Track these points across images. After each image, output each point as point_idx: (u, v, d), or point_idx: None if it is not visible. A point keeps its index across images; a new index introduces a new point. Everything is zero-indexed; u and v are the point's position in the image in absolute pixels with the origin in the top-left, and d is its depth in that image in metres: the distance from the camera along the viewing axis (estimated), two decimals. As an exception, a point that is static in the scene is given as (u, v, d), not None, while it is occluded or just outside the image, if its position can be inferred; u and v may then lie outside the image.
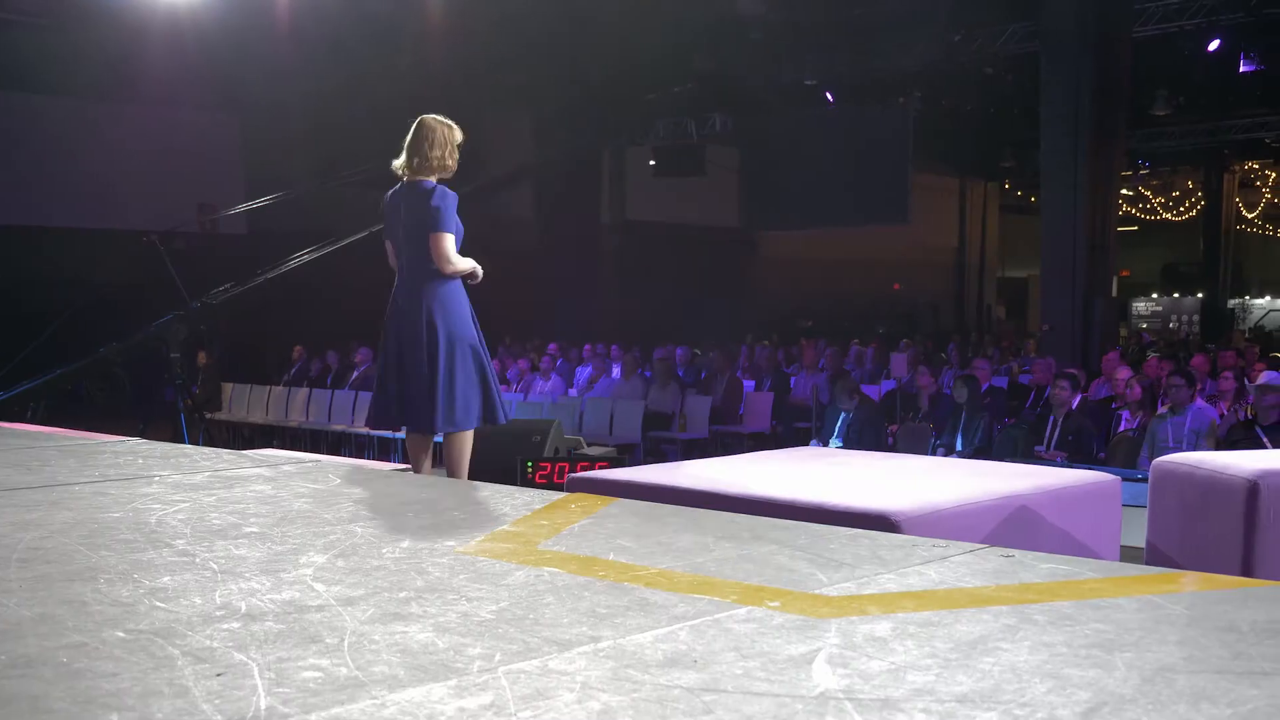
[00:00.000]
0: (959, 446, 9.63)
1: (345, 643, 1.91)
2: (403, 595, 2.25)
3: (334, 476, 3.86)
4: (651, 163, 21.11)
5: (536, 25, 15.85)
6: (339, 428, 13.60)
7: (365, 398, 13.72)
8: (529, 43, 16.33)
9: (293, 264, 11.62)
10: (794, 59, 18.01)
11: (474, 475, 5.22)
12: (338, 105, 16.87)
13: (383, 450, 13.11)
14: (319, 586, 2.32)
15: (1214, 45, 15.95)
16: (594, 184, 21.17)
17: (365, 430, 13.33)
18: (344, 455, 12.48)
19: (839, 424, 9.98)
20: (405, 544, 2.76)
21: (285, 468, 4.09)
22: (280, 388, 15.02)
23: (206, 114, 17.99)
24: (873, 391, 12.88)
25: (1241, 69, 16.22)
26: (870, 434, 9.77)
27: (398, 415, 5.33)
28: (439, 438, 5.43)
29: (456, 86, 17.09)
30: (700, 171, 20.84)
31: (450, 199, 5.22)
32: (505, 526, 3.00)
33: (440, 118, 5.40)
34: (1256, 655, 1.85)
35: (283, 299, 15.84)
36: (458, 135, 5.42)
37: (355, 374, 14.50)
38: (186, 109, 17.61)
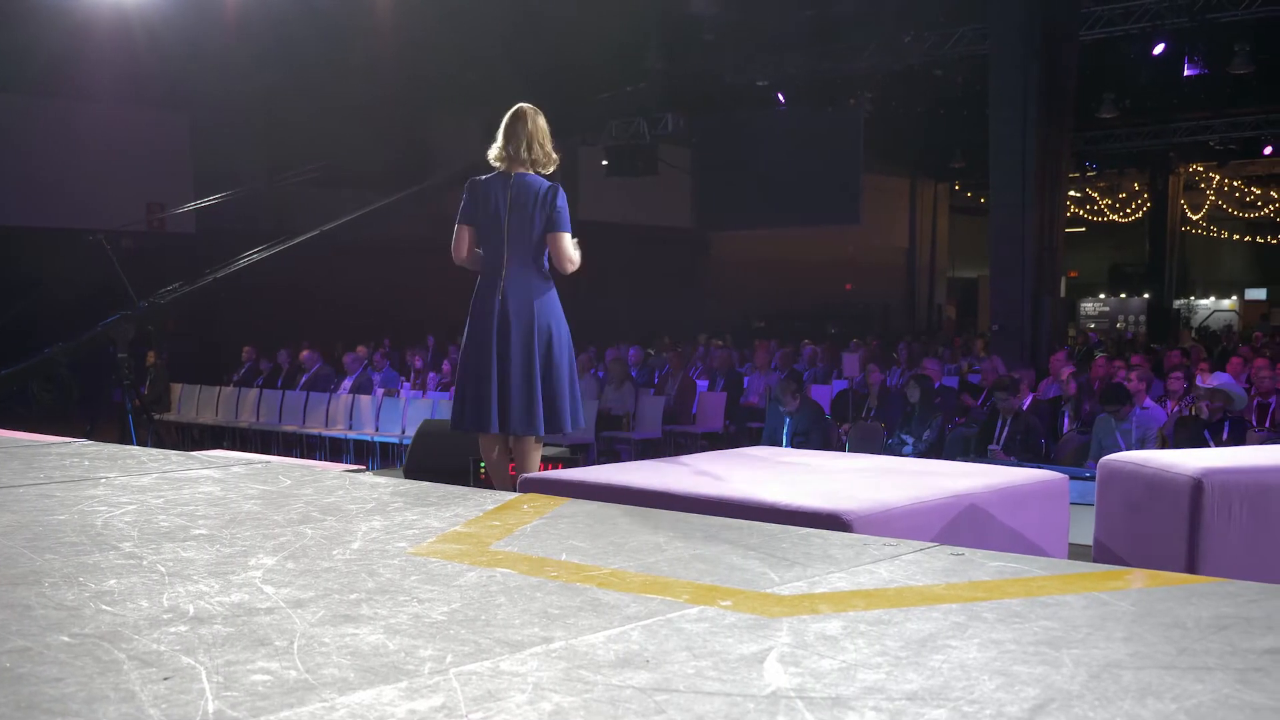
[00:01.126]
0: (911, 445, 9.70)
1: (295, 645, 1.90)
2: (353, 597, 2.23)
3: (284, 478, 3.83)
4: (604, 163, 21.11)
5: (487, 24, 15.80)
6: (290, 428, 13.50)
7: (317, 398, 13.64)
8: (479, 41, 16.28)
9: (242, 263, 11.52)
10: (746, 60, 18.09)
11: (427, 476, 5.18)
12: (287, 104, 16.76)
13: (334, 451, 13.04)
14: (268, 589, 2.30)
15: (1159, 49, 16.17)
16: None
17: (316, 431, 13.25)
18: (295, 456, 12.38)
19: (784, 428, 9.98)
20: (356, 545, 2.74)
21: (235, 469, 4.05)
22: (230, 388, 14.88)
23: (154, 112, 17.81)
24: (824, 391, 12.96)
25: (1186, 73, 16.45)
26: (817, 435, 9.80)
27: (500, 417, 4.98)
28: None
29: (407, 86, 17.04)
30: (653, 171, 20.86)
31: (565, 198, 5.09)
32: (457, 527, 2.99)
33: (534, 107, 5.15)
34: (1201, 651, 1.87)
35: (232, 299, 15.71)
36: (544, 124, 5.19)
37: (306, 375, 14.40)
38: (134, 106, 17.42)
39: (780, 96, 19.05)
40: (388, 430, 12.75)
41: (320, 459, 12.25)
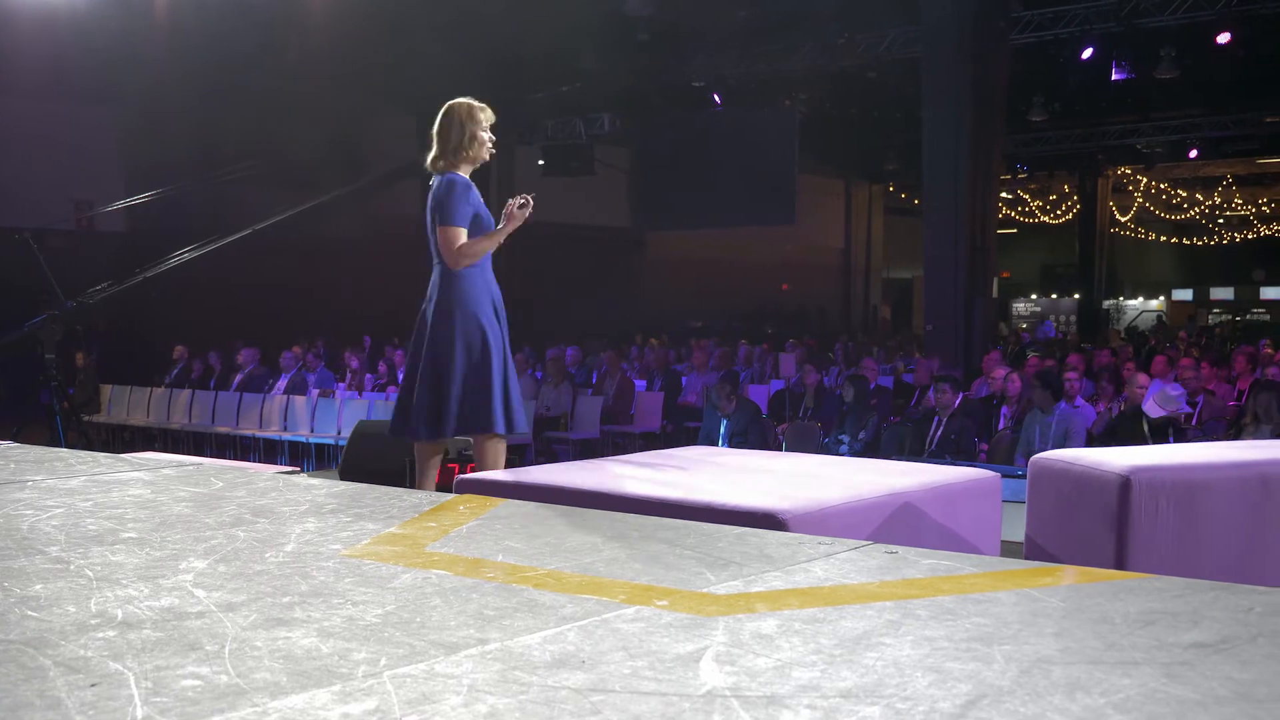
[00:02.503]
0: (846, 445, 9.77)
1: (226, 650, 1.87)
2: (286, 600, 2.21)
3: (216, 480, 3.78)
4: (540, 162, 21.06)
5: (422, 22, 15.72)
6: (223, 430, 13.33)
7: (251, 399, 13.49)
8: (414, 40, 16.19)
9: (174, 262, 11.36)
10: (681, 60, 18.14)
11: (362, 477, 5.14)
12: (220, 101, 16.55)
13: (268, 453, 12.90)
14: (199, 592, 2.27)
15: (1087, 54, 16.42)
16: (482, 183, 21.02)
17: (250, 432, 13.10)
18: (228, 458, 12.24)
19: (722, 429, 10.01)
20: (289, 548, 2.71)
21: (165, 471, 3.99)
22: (161, 389, 14.67)
23: (82, 107, 17.49)
24: (761, 391, 13.02)
25: (1113, 77, 16.73)
26: (754, 435, 9.84)
27: (405, 421, 5.00)
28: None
29: (341, 84, 16.90)
30: (589, 171, 20.86)
31: (458, 187, 4.97)
32: (392, 529, 2.97)
33: (468, 100, 5.18)
34: (1128, 645, 1.90)
35: (164, 298, 15.49)
36: (483, 117, 5.16)
37: (240, 375, 14.23)
38: (60, 101, 17.10)
39: (716, 97, 19.12)
40: (323, 431, 12.64)
41: (254, 461, 12.12)
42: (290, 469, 8.04)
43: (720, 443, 9.84)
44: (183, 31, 14.62)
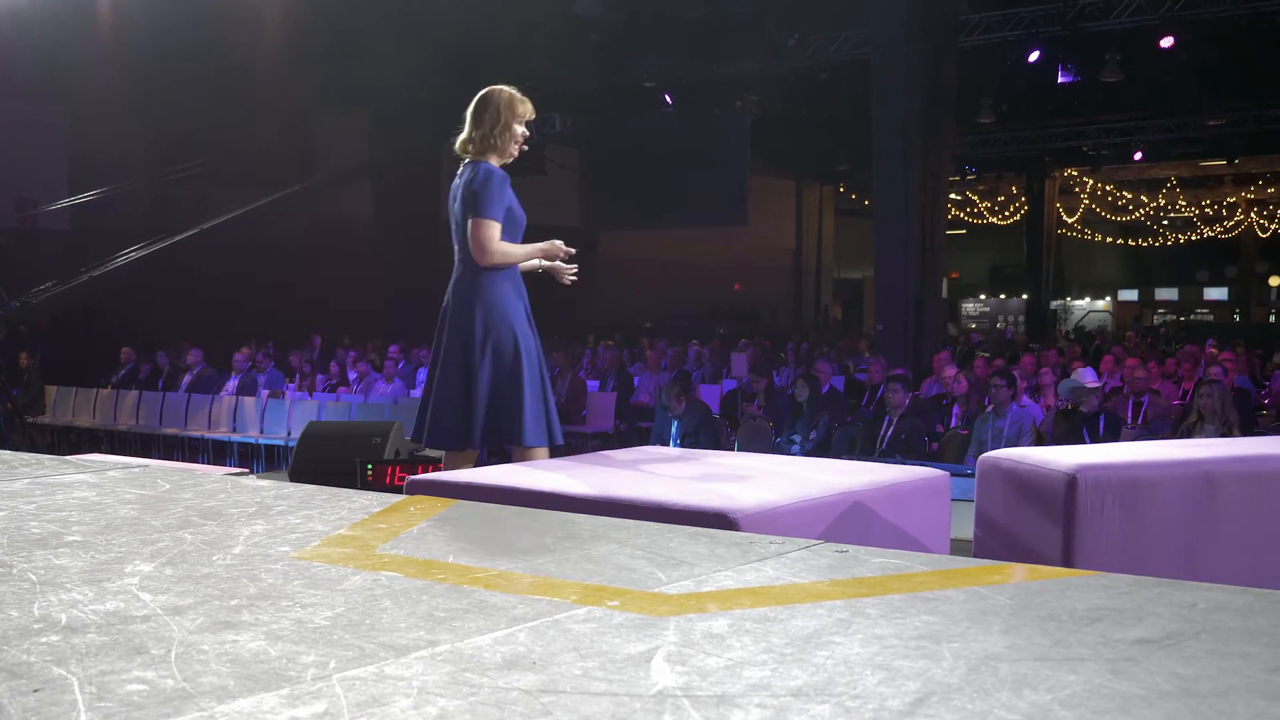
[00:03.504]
0: (798, 445, 9.81)
1: (172, 653, 1.85)
2: (234, 603, 2.19)
3: (163, 482, 3.74)
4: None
5: (372, 21, 15.63)
6: (171, 431, 13.19)
7: (200, 400, 13.36)
8: (364, 38, 16.09)
9: (120, 261, 11.23)
10: (632, 61, 18.15)
11: (313, 479, 5.09)
12: (167, 98, 16.37)
13: (218, 454, 12.78)
14: (145, 596, 2.24)
15: (1034, 57, 16.59)
16: (433, 183, 20.97)
17: (198, 433, 12.98)
18: (177, 460, 12.11)
19: (673, 430, 10.03)
20: (237, 550, 2.68)
21: (111, 473, 3.94)
22: (108, 390, 14.49)
23: (25, 104, 17.21)
24: (713, 391, 13.06)
25: (1060, 80, 16.92)
26: (706, 435, 9.86)
27: (423, 428, 4.69)
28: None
29: (291, 82, 16.76)
30: (540, 172, 20.80)
31: (496, 179, 4.69)
32: (342, 530, 2.94)
33: (507, 89, 4.90)
34: (1075, 642, 1.92)
35: (111, 298, 15.30)
36: (522, 110, 4.88)
37: (188, 376, 14.09)
38: (3, 98, 16.84)
39: (667, 98, 19.15)
40: (273, 432, 12.53)
41: (203, 463, 12.00)
42: (239, 470, 7.96)
43: (671, 443, 9.85)
44: (127, 27, 14.45)
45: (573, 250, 4.88)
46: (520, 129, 4.82)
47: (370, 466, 7.10)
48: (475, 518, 3.14)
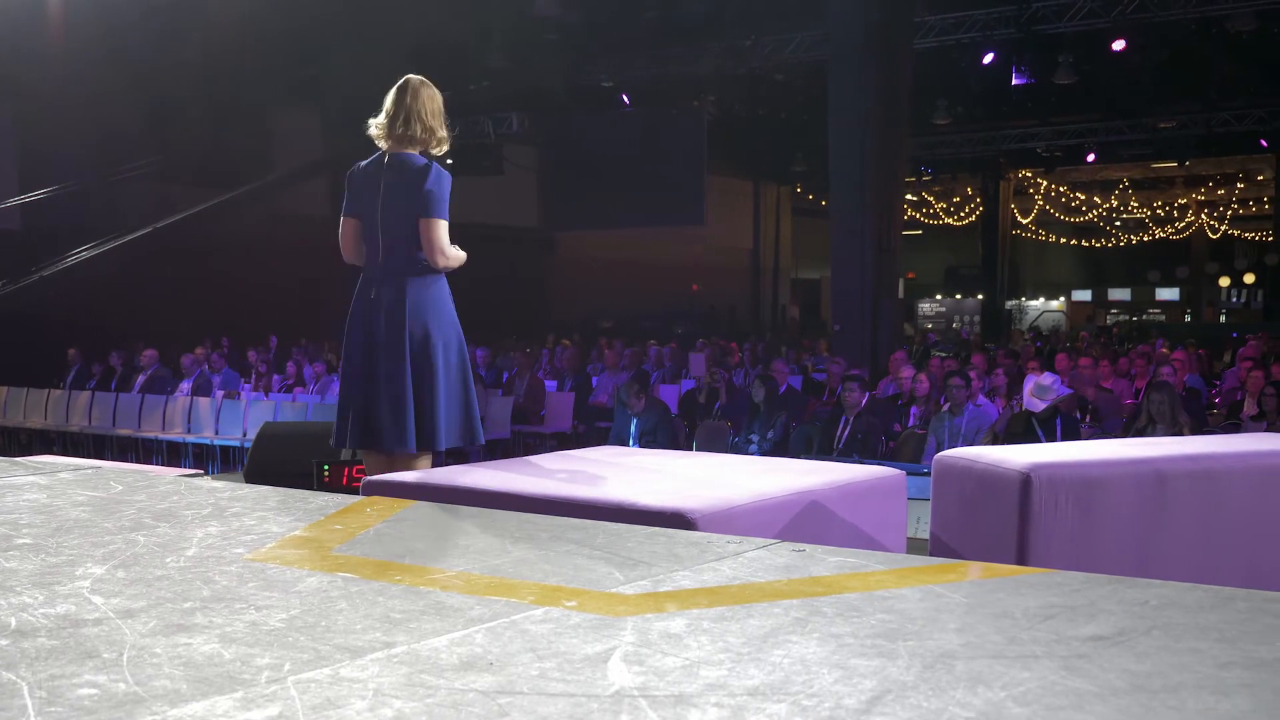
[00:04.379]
0: (756, 445, 9.84)
1: (124, 657, 1.83)
2: (187, 606, 2.17)
3: (116, 483, 3.70)
4: (449, 161, 20.90)
5: (327, 18, 15.54)
6: (124, 432, 13.05)
7: (154, 400, 13.22)
8: (319, 36, 15.99)
9: (72, 260, 11.10)
10: (590, 60, 18.15)
11: (268, 480, 5.05)
12: (121, 95, 16.19)
13: (172, 456, 12.66)
14: (97, 599, 2.21)
15: (988, 59, 16.73)
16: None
17: (152, 434, 12.85)
18: (130, 462, 11.98)
19: (632, 429, 10.04)
20: (191, 552, 2.66)
21: (63, 475, 3.89)
22: (60, 391, 14.31)
23: (-26, 101, 16.99)
24: (672, 391, 13.07)
25: (1014, 82, 17.07)
26: (664, 435, 9.87)
27: (362, 432, 4.52)
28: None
29: (244, 79, 16.62)
30: (498, 171, 20.76)
31: (446, 180, 4.46)
32: (297, 532, 2.92)
33: (424, 79, 4.62)
34: (1028, 640, 1.94)
35: (62, 298, 15.12)
36: (440, 100, 4.63)
37: (142, 377, 13.94)
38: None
39: (625, 98, 19.16)
40: (228, 433, 12.43)
41: (157, 464, 11.88)
42: (194, 472, 7.89)
43: (630, 442, 9.86)
44: (78, 23, 14.28)
45: None
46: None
47: (327, 467, 7.04)
48: (432, 519, 3.12)
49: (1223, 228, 35.56)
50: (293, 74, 17.54)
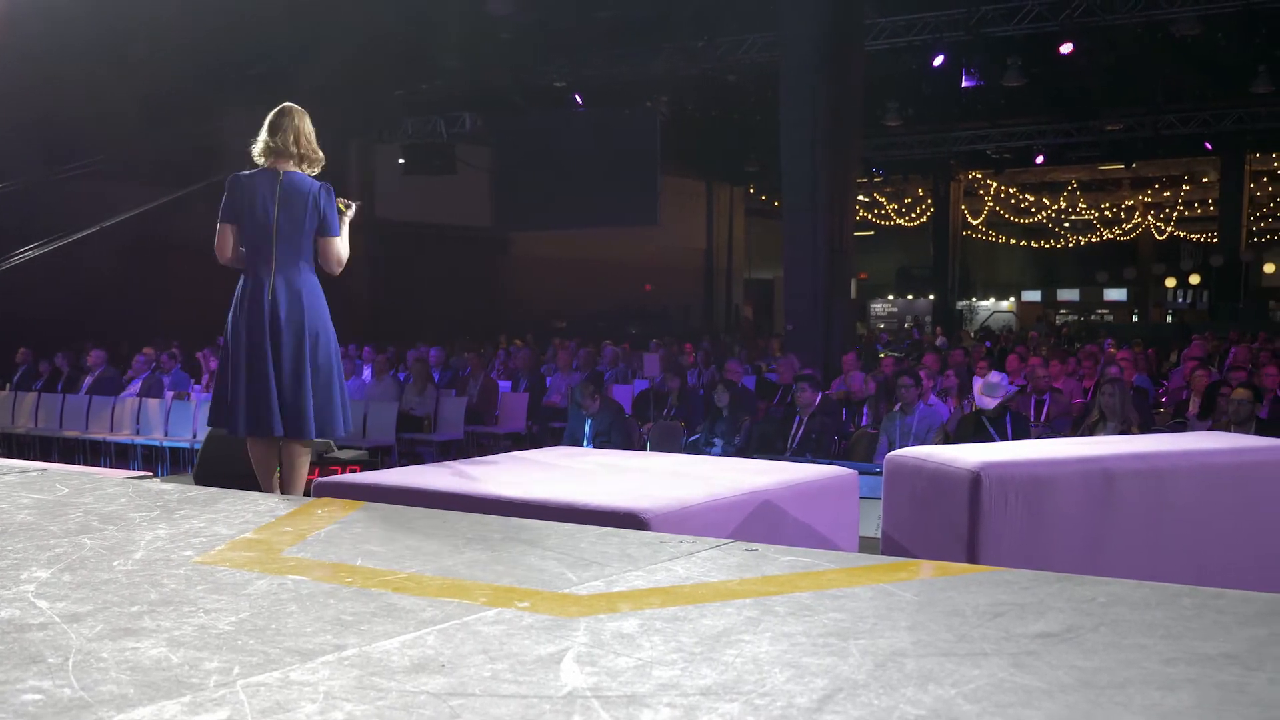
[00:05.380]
0: (719, 447, 9.84)
1: (70, 662, 1.81)
2: (135, 609, 2.14)
3: (62, 486, 3.65)
4: (400, 161, 20.81)
5: (276, 17, 15.40)
6: (72, 434, 12.87)
7: (101, 402, 13.05)
8: (270, 34, 15.84)
9: (17, 260, 10.92)
10: (543, 60, 18.11)
11: (219, 482, 5.01)
12: (67, 92, 15.96)
13: (120, 457, 12.50)
14: (42, 603, 2.18)
15: (938, 61, 16.85)
16: (341, 181, 20.69)
17: (100, 436, 12.68)
18: (78, 463, 11.81)
19: (586, 429, 10.01)
20: (139, 555, 2.63)
21: (7, 478, 3.84)
22: (5, 392, 14.08)
23: (-86, 98, 16.68)
24: (626, 391, 13.06)
25: (964, 84, 17.20)
26: (618, 435, 9.86)
27: (246, 419, 4.83)
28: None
29: (192, 79, 16.44)
30: (451, 171, 20.67)
31: (333, 198, 4.92)
32: (248, 534, 2.90)
33: (298, 107, 5.04)
34: (978, 637, 1.96)
35: (6, 298, 14.88)
36: (310, 125, 5.06)
37: (89, 378, 13.75)
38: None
39: (578, 98, 19.13)
40: (178, 434, 12.28)
41: (105, 466, 11.73)
42: (142, 474, 7.80)
43: (585, 442, 9.84)
44: (22, 18, 14.06)
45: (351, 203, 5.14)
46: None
47: (278, 470, 6.98)
48: (384, 520, 3.11)
49: (1169, 229, 36.02)
50: (242, 72, 17.37)
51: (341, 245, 4.93)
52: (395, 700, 1.64)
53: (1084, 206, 35.21)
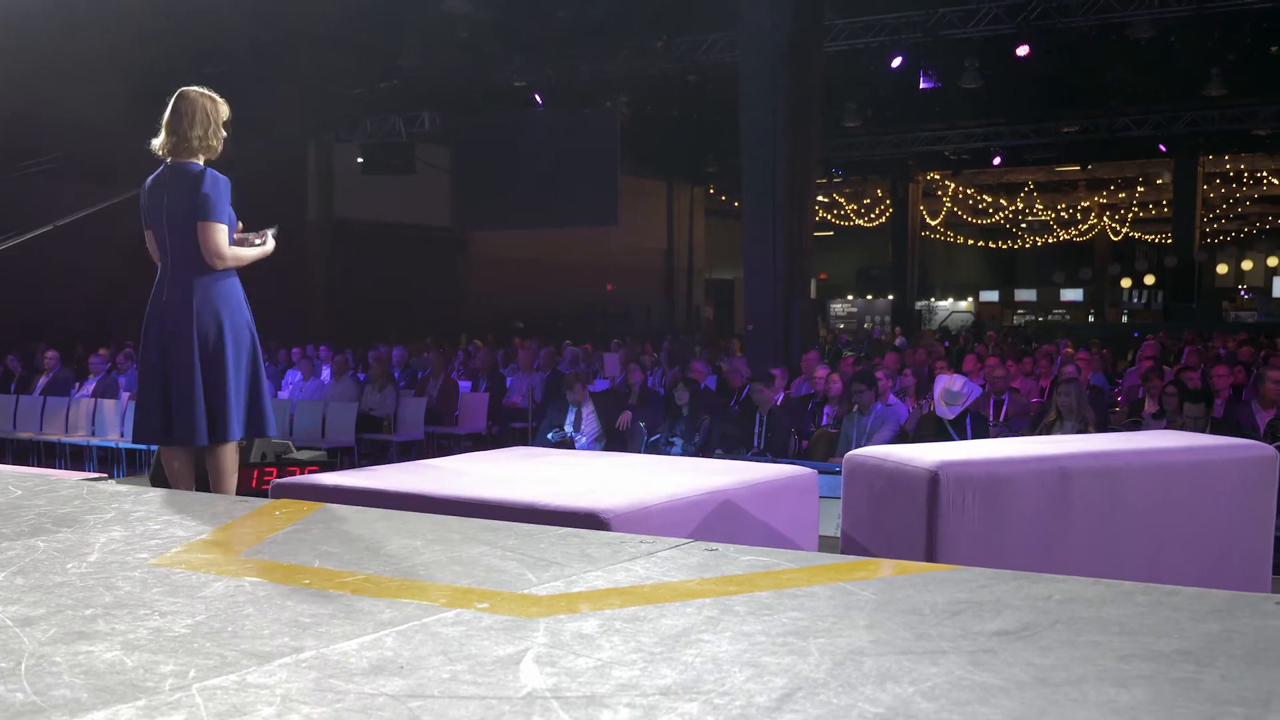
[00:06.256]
0: (679, 447, 9.85)
1: (23, 666, 1.78)
2: (89, 613, 2.12)
3: (14, 488, 3.61)
4: (359, 160, 20.70)
5: (232, 17, 15.27)
6: (25, 435, 12.73)
7: (56, 403, 12.91)
8: (226, 32, 15.71)
9: (-32, 261, 10.77)
10: (502, 59, 18.06)
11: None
12: (20, 88, 15.76)
13: (76, 459, 12.37)
14: (-6, 607, 2.16)
15: (896, 62, 16.94)
16: (300, 181, 20.57)
17: (55, 437, 12.55)
18: (31, 465, 11.68)
19: (569, 417, 10.12)
20: (93, 558, 2.60)
21: (-43, 481, 3.79)
22: (-45, 394, 13.91)
23: None
24: (585, 391, 13.05)
25: (922, 85, 17.31)
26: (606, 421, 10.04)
27: (161, 427, 4.74)
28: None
29: (149, 77, 16.28)
30: (410, 170, 20.58)
31: (222, 184, 4.78)
32: (205, 536, 2.88)
33: (203, 90, 4.94)
34: (936, 635, 1.97)
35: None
36: (224, 110, 4.95)
37: (44, 379, 13.60)
38: None
39: (537, 97, 19.10)
40: (132, 436, 12.15)
41: (60, 468, 11.60)
42: (97, 476, 7.72)
43: (568, 428, 10.00)
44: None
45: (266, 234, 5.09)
46: (223, 130, 4.98)
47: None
48: (342, 521, 3.09)
49: (1124, 230, 36.40)
50: (199, 70, 17.22)
51: (217, 236, 4.72)
52: (353, 702, 1.63)
53: (1041, 207, 35.52)
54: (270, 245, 5.02)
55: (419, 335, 18.41)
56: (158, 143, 4.86)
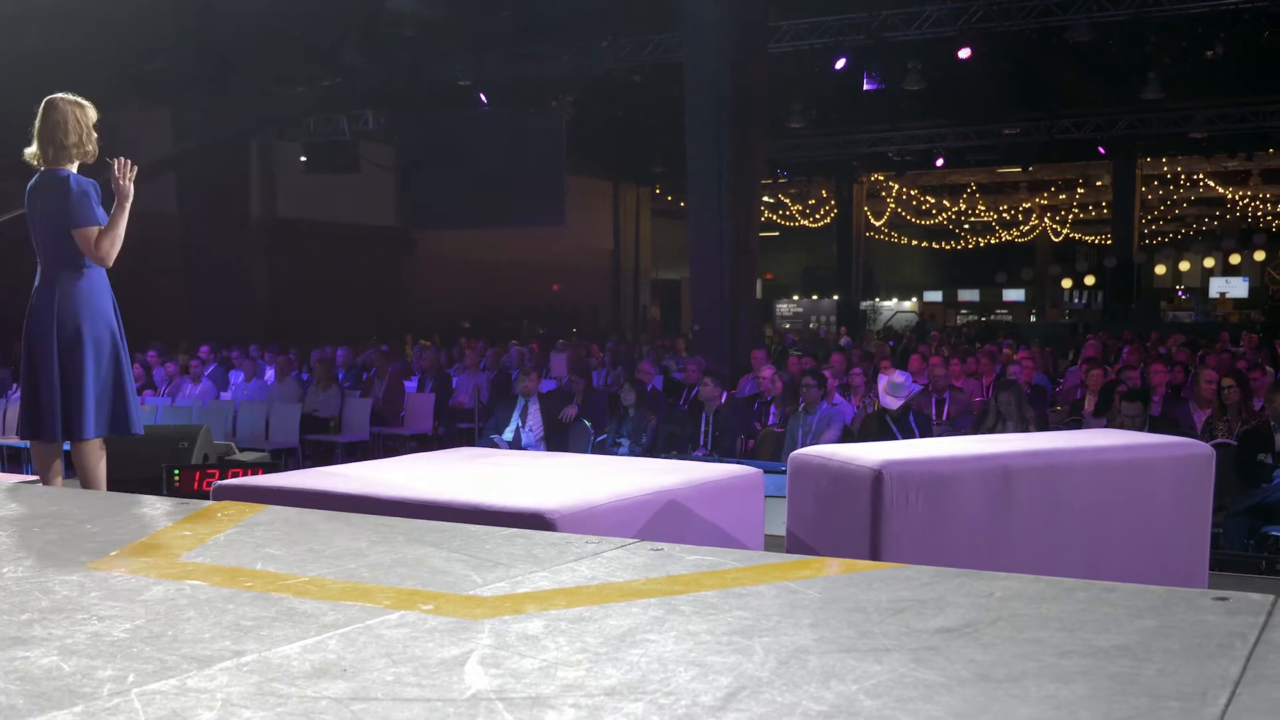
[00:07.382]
0: (626, 447, 9.85)
1: (-44, 673, 1.75)
2: (24, 618, 2.08)
3: (-53, 492, 3.55)
4: (303, 159, 20.51)
5: (174, 11, 15.09)
6: (-41, 439, 12.51)
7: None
8: (169, 26, 15.52)
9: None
10: (447, 58, 17.98)
11: (115, 486, 4.90)
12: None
13: (13, 461, 12.17)
14: (-74, 613, 2.12)
15: (840, 64, 17.05)
16: (242, 179, 20.33)
17: (-12, 440, 12.35)
18: (-35, 468, 11.48)
19: (518, 407, 10.11)
20: (29, 562, 2.56)
21: (-111, 484, 3.72)
22: (-109, 396, 13.64)
23: None
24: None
25: (865, 87, 17.44)
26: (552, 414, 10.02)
27: (30, 423, 4.86)
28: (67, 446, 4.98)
29: (89, 71, 16.05)
30: (354, 169, 20.43)
31: (88, 186, 4.86)
32: (144, 539, 2.84)
33: (70, 96, 5.02)
34: (880, 633, 1.98)
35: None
36: (92, 114, 5.03)
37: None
38: None
39: (482, 96, 19.03)
40: (70, 438, 11.98)
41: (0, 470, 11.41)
42: (33, 478, 7.61)
43: (516, 416, 10.00)
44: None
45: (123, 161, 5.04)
46: (94, 133, 5.08)
47: (177, 472, 6.84)
48: (286, 523, 3.06)
49: (1065, 231, 36.85)
50: (140, 69, 17.00)
51: (92, 235, 4.80)
52: (295, 706, 1.61)
53: (983, 209, 35.88)
54: (129, 190, 4.98)
55: (364, 335, 18.29)
56: (30, 152, 4.97)
